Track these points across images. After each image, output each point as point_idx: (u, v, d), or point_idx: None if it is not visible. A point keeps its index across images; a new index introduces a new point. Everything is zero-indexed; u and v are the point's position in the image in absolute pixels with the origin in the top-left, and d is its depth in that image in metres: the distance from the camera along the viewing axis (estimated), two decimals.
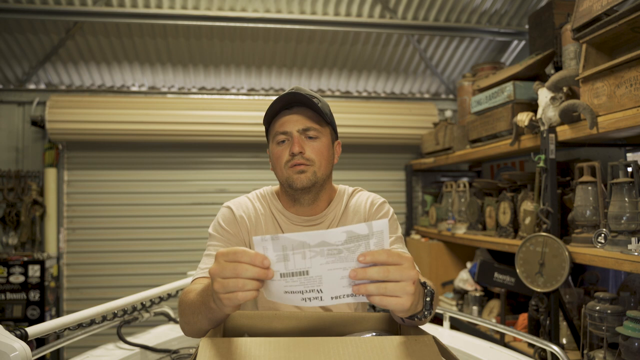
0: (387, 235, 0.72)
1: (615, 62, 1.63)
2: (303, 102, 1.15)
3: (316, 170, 1.16)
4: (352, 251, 0.72)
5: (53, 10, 2.99)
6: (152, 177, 3.65)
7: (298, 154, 1.14)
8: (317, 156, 1.16)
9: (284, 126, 1.16)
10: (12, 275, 3.14)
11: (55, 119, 3.30)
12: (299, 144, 1.14)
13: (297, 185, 1.15)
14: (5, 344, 1.04)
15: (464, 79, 3.29)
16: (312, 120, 1.16)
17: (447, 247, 3.27)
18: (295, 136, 1.15)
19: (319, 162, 1.16)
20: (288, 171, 1.16)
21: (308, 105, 1.16)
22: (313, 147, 1.16)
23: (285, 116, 1.16)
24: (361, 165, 3.86)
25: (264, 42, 3.43)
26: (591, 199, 1.90)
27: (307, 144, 1.16)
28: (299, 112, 1.16)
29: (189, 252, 3.58)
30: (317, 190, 1.20)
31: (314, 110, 1.16)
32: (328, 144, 1.20)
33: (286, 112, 1.17)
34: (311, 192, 1.19)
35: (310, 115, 1.17)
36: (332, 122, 1.23)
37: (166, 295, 1.78)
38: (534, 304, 2.11)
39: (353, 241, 0.72)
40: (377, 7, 3.26)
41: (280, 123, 1.16)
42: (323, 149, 1.18)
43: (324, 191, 1.24)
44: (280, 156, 1.17)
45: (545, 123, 2.08)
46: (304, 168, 1.15)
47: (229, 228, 1.19)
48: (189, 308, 0.93)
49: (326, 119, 1.18)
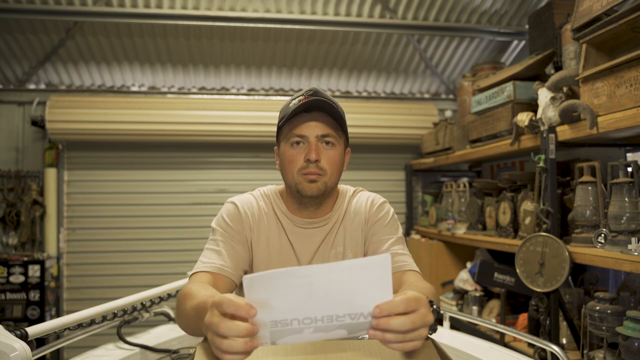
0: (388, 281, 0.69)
1: (615, 62, 1.63)
2: (324, 107, 1.13)
3: (327, 181, 1.16)
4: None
5: (53, 10, 2.99)
6: (152, 177, 3.64)
7: (314, 162, 1.13)
8: (330, 166, 1.15)
9: (302, 129, 1.13)
10: (12, 275, 3.14)
11: (55, 119, 3.30)
12: (316, 151, 1.13)
13: (306, 193, 1.15)
14: (5, 344, 1.04)
15: (464, 79, 3.29)
16: (330, 127, 1.15)
17: (447, 247, 3.27)
18: (312, 142, 1.13)
19: (330, 173, 1.16)
20: (299, 177, 1.15)
21: (328, 112, 1.14)
22: (328, 156, 1.15)
23: (304, 118, 1.14)
24: (361, 165, 3.87)
25: (264, 42, 3.43)
26: (591, 199, 1.90)
27: (323, 151, 1.15)
28: (319, 117, 1.14)
29: (189, 252, 3.59)
30: (324, 197, 1.21)
31: (333, 117, 1.14)
32: (341, 152, 1.20)
33: (305, 115, 1.14)
34: (318, 199, 1.19)
35: (329, 122, 1.15)
36: (346, 131, 1.22)
37: (166, 295, 1.78)
38: (534, 304, 2.11)
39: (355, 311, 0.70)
40: (377, 7, 3.26)
41: (298, 125, 1.14)
42: (337, 158, 1.17)
43: (330, 197, 1.24)
44: (294, 160, 1.15)
45: (545, 123, 2.08)
46: (316, 178, 1.14)
47: (232, 224, 1.19)
48: (186, 318, 0.93)
49: (343, 127, 1.17)
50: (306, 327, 0.70)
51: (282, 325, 0.70)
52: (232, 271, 1.13)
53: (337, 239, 1.25)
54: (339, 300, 0.69)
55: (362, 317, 0.70)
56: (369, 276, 0.68)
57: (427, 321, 0.71)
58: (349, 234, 1.25)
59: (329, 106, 1.13)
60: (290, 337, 0.71)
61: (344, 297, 0.69)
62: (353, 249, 1.24)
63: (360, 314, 0.70)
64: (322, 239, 1.24)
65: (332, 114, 1.14)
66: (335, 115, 1.14)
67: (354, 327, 0.72)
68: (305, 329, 0.70)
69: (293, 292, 0.67)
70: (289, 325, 0.70)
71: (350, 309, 0.69)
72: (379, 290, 0.69)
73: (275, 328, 0.70)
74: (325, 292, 0.67)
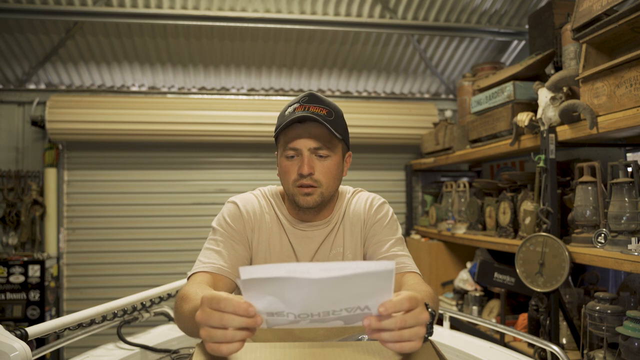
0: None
1: (615, 62, 1.63)
2: (316, 120, 1.11)
3: (323, 192, 1.16)
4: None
5: (53, 10, 2.99)
6: (152, 177, 3.65)
7: (307, 175, 1.13)
8: (325, 177, 1.15)
9: (295, 143, 1.13)
10: (12, 275, 3.14)
11: (55, 119, 3.30)
12: (309, 165, 1.12)
13: (302, 205, 1.16)
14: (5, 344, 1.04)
15: (464, 79, 3.29)
16: (324, 139, 1.14)
17: (447, 247, 3.27)
18: (305, 155, 1.13)
19: (326, 184, 1.16)
20: (295, 190, 1.15)
21: (321, 122, 1.12)
22: (323, 167, 1.14)
23: (298, 130, 1.13)
24: (361, 165, 3.87)
25: (264, 42, 3.43)
26: (591, 199, 1.90)
27: (317, 164, 1.14)
28: (312, 129, 1.13)
29: (188, 252, 3.59)
30: (322, 206, 1.20)
31: (327, 127, 1.12)
32: (338, 161, 1.19)
33: (299, 127, 1.13)
34: (316, 208, 1.19)
35: (323, 133, 1.14)
36: (344, 137, 1.20)
37: (166, 295, 1.78)
38: (534, 304, 2.11)
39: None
40: (377, 7, 3.26)
41: (292, 138, 1.14)
42: (332, 168, 1.16)
43: (329, 202, 1.24)
44: (289, 172, 1.15)
45: (545, 123, 2.08)
46: (311, 191, 1.14)
47: (233, 224, 1.19)
48: (184, 320, 0.93)
49: (338, 136, 1.14)
50: (302, 319, 0.71)
51: (279, 316, 0.71)
52: (232, 271, 1.13)
53: (337, 239, 1.25)
54: (338, 300, 0.69)
55: (359, 309, 0.71)
56: (371, 282, 0.67)
57: (420, 320, 0.72)
58: (348, 234, 1.25)
59: (322, 117, 1.12)
60: (287, 325, 0.73)
61: (343, 297, 0.69)
62: (352, 249, 1.24)
63: (357, 307, 0.71)
64: (322, 240, 1.24)
65: (326, 123, 1.12)
66: (330, 125, 1.12)
67: (350, 318, 0.73)
68: (301, 321, 0.72)
69: (291, 290, 0.67)
70: (285, 317, 0.71)
71: (349, 305, 0.70)
72: (380, 294, 0.69)
73: (271, 317, 0.71)
74: (324, 294, 0.67)
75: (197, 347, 0.79)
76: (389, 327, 0.70)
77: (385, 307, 0.69)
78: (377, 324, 0.70)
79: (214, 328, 0.69)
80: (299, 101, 1.16)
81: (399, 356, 0.77)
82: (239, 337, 0.69)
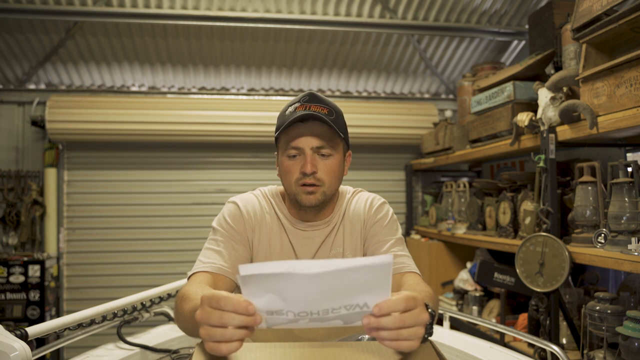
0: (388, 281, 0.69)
1: (615, 62, 1.63)
2: (319, 117, 1.11)
3: (325, 190, 1.16)
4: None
5: (53, 10, 2.99)
6: (152, 177, 3.65)
7: (310, 174, 1.12)
8: (327, 176, 1.15)
9: (298, 142, 1.13)
10: (12, 275, 3.14)
11: (55, 119, 3.30)
12: (312, 164, 1.12)
13: (304, 204, 1.15)
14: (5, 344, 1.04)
15: (464, 79, 3.29)
16: (326, 137, 1.14)
17: (447, 247, 3.27)
18: (308, 154, 1.13)
19: (329, 182, 1.16)
20: (297, 188, 1.15)
21: (324, 120, 1.12)
22: (325, 166, 1.14)
23: (299, 130, 1.13)
24: (361, 165, 3.87)
25: (264, 42, 3.43)
26: (591, 199, 1.90)
27: (320, 162, 1.14)
28: (314, 127, 1.13)
29: (188, 252, 3.59)
30: (324, 205, 1.20)
31: (329, 125, 1.12)
32: (340, 160, 1.19)
33: (300, 126, 1.13)
34: (317, 207, 1.19)
35: (325, 131, 1.13)
36: (345, 135, 1.20)
37: (166, 295, 1.78)
38: (534, 304, 2.11)
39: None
40: (377, 7, 3.26)
41: (293, 137, 1.13)
42: (335, 167, 1.16)
43: (330, 201, 1.24)
44: (291, 171, 1.15)
45: (545, 123, 2.08)
46: (314, 189, 1.14)
47: (234, 224, 1.19)
48: (184, 320, 0.93)
49: (340, 134, 1.15)
50: (302, 318, 0.71)
51: (278, 314, 0.71)
52: (232, 271, 1.13)
53: (337, 239, 1.25)
54: (337, 297, 0.69)
55: (358, 307, 0.71)
56: (369, 276, 0.68)
57: (420, 320, 0.72)
58: (348, 234, 1.25)
59: (324, 116, 1.11)
60: (286, 324, 0.73)
61: (342, 294, 0.69)
62: (352, 249, 1.24)
63: (356, 305, 0.71)
64: (322, 240, 1.24)
65: (327, 122, 1.12)
66: (331, 123, 1.12)
67: (349, 317, 0.73)
68: (300, 320, 0.72)
69: (290, 286, 0.67)
70: (284, 315, 0.71)
71: (347, 302, 0.70)
72: (378, 289, 0.69)
73: (270, 316, 0.71)
74: (323, 289, 0.68)
75: (197, 347, 0.79)
76: (388, 326, 0.70)
77: (380, 308, 0.69)
78: (376, 323, 0.70)
79: (214, 327, 0.69)
80: (299, 101, 1.15)
81: (398, 356, 0.77)
82: (238, 336, 0.69)
